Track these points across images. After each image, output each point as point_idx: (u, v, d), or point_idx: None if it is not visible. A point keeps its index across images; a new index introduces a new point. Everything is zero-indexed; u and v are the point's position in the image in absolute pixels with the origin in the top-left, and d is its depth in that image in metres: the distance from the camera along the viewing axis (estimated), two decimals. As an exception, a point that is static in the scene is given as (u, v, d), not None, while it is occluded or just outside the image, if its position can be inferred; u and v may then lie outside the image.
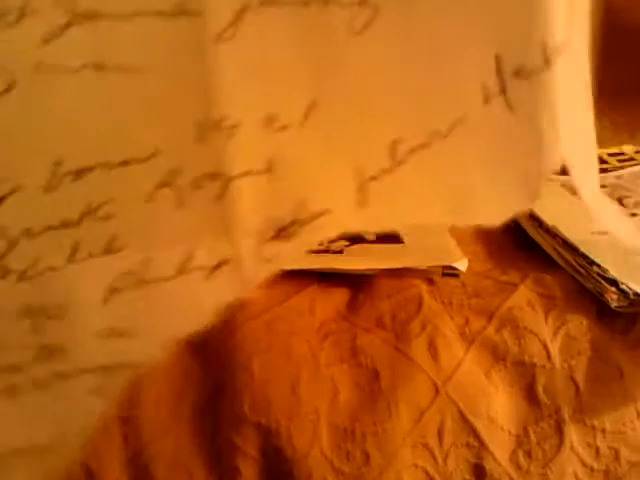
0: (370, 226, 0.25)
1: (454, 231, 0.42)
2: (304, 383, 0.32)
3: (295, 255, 0.25)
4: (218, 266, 0.24)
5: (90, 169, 0.23)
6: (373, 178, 0.24)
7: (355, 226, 0.24)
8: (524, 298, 0.36)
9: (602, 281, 0.35)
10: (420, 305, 0.35)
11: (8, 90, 0.22)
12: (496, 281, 0.38)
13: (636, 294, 0.33)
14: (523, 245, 0.41)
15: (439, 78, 0.24)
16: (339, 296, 0.37)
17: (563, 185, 0.47)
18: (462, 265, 0.37)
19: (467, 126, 0.24)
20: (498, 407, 0.32)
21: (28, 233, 0.23)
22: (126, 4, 0.22)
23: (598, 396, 0.32)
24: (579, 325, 0.34)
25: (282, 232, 0.24)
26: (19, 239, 0.23)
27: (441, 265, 0.37)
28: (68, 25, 0.22)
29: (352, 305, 0.36)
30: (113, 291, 0.24)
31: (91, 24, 0.22)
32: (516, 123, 0.24)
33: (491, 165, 0.24)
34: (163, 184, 0.24)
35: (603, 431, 0.32)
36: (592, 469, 0.32)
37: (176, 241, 0.24)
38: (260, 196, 0.24)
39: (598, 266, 0.36)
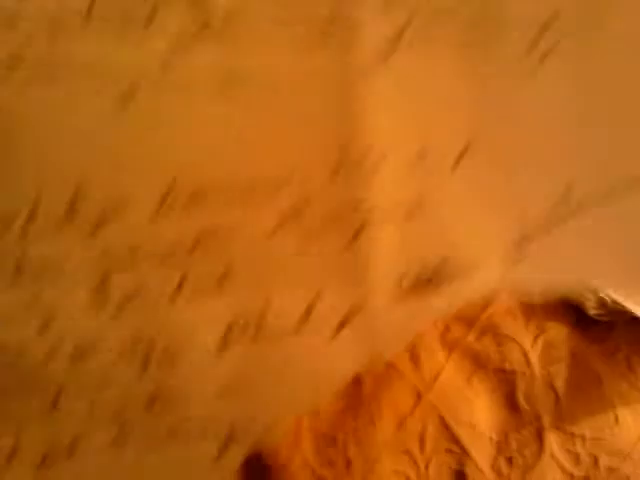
0: (517, 288, 0.22)
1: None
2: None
3: (432, 315, 0.22)
4: (345, 321, 0.21)
5: (207, 192, 0.20)
6: (527, 238, 0.21)
7: (503, 286, 0.22)
8: (504, 306, 0.36)
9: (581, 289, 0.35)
10: (402, 313, 0.36)
11: (131, 96, 0.20)
12: (476, 289, 0.38)
13: (614, 302, 0.34)
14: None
15: (619, 134, 0.21)
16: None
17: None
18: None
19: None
20: (479, 414, 0.33)
21: (132, 258, 0.21)
22: (269, 18, 0.19)
23: (577, 403, 0.33)
24: (558, 333, 0.35)
25: (421, 286, 0.21)
26: (121, 264, 0.21)
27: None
28: (199, 35, 0.19)
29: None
30: (229, 340, 0.21)
31: (225, 35, 0.19)
32: None
33: None
34: (290, 217, 0.21)
35: (582, 438, 0.32)
36: (572, 476, 0.32)
37: (298, 286, 0.21)
38: (399, 242, 0.21)
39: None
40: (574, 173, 0.20)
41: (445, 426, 0.32)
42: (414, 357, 0.33)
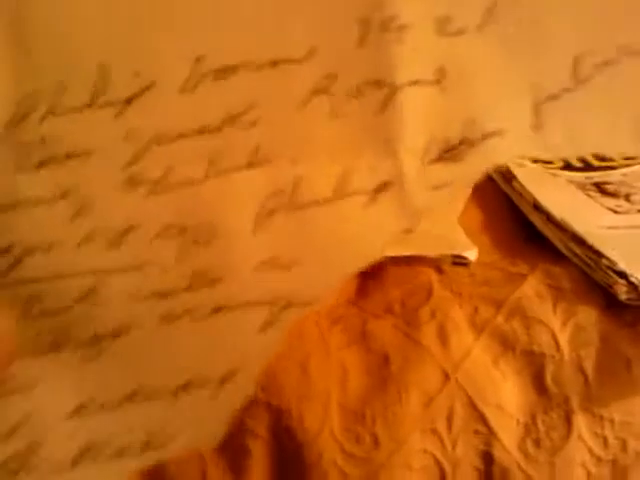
0: (544, 151, 0.22)
1: (461, 222, 0.42)
2: (315, 366, 0.32)
3: (462, 182, 0.22)
4: (379, 189, 0.21)
5: (234, 68, 0.20)
6: (552, 97, 0.21)
7: (528, 150, 0.22)
8: (533, 289, 0.36)
9: (611, 273, 0.35)
10: (430, 293, 0.35)
11: None
12: (504, 272, 0.38)
13: (645, 286, 0.34)
14: (531, 238, 0.42)
15: None
16: (348, 282, 0.37)
17: (569, 180, 0.48)
18: (472, 254, 0.37)
19: None
20: (507, 395, 0.32)
21: (161, 138, 0.20)
22: None
23: (606, 386, 0.32)
24: (588, 316, 0.34)
25: (449, 153, 0.21)
26: (151, 145, 0.20)
27: (451, 254, 0.37)
28: None
29: (361, 292, 0.36)
30: (265, 214, 0.21)
31: None
32: None
33: None
34: (318, 90, 0.20)
35: (611, 421, 0.32)
36: (600, 459, 0.32)
37: (330, 155, 0.21)
38: (427, 110, 0.21)
39: (607, 259, 0.36)
40: (591, 38, 0.21)
41: (473, 406, 0.32)
42: (442, 337, 0.33)
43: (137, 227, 0.21)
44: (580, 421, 0.32)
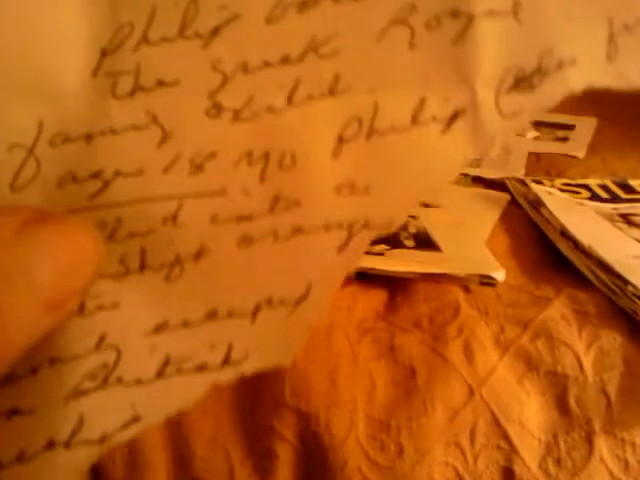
0: (617, 81, 0.23)
1: (489, 246, 0.43)
2: (343, 374, 0.33)
3: (535, 111, 0.22)
4: (454, 117, 0.22)
5: (316, 1, 0.21)
6: (626, 28, 0.21)
7: (602, 79, 0.22)
8: (558, 312, 0.37)
9: (637, 300, 0.36)
10: (457, 311, 0.36)
11: None
12: (531, 295, 0.39)
13: (670, 314, 0.34)
14: (557, 264, 0.42)
15: None
16: (378, 297, 0.38)
17: (596, 211, 0.49)
18: (499, 275, 0.38)
19: None
20: (530, 414, 0.33)
21: (244, 68, 0.21)
22: None
23: (629, 410, 0.33)
24: (612, 341, 0.35)
25: (523, 82, 0.21)
26: (235, 74, 0.21)
27: (479, 274, 0.38)
28: None
29: (390, 306, 0.37)
30: (344, 140, 0.21)
31: None
32: None
33: None
34: (396, 21, 0.21)
35: (633, 445, 0.32)
36: (620, 481, 0.32)
37: (407, 85, 0.21)
38: (502, 39, 0.21)
39: (633, 286, 0.36)
40: None
41: (496, 422, 0.32)
42: (468, 353, 0.34)
43: (220, 153, 0.21)
44: (601, 443, 0.32)
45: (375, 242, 0.41)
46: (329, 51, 0.21)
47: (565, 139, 0.61)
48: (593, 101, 0.66)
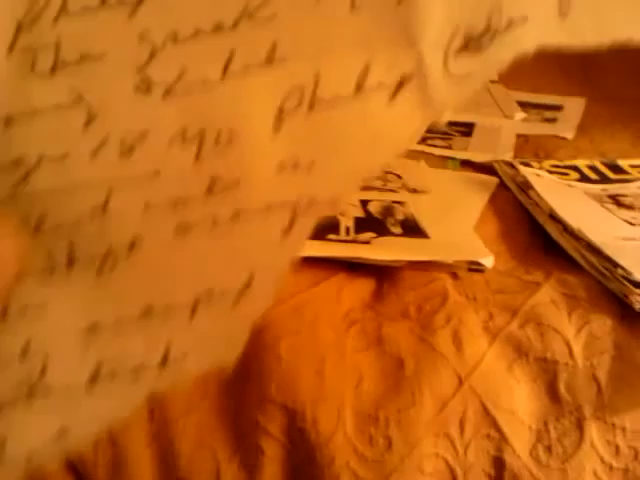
0: (571, 38, 0.22)
1: (478, 231, 0.42)
2: (330, 368, 0.32)
3: (486, 74, 0.21)
4: (401, 83, 0.21)
5: None
6: None
7: (554, 38, 0.21)
8: (548, 297, 0.36)
9: (627, 283, 0.35)
10: (445, 298, 0.36)
11: None
12: (520, 280, 0.38)
13: (660, 297, 0.34)
14: (546, 247, 0.42)
15: None
16: (365, 286, 0.37)
17: (585, 192, 0.48)
18: (488, 261, 0.38)
19: None
20: (519, 401, 0.33)
21: (174, 37, 0.20)
22: None
23: (619, 395, 0.33)
24: (602, 325, 0.35)
25: (473, 42, 0.20)
26: (165, 44, 0.20)
27: (467, 260, 0.38)
28: None
29: (378, 295, 0.37)
30: (284, 113, 0.20)
31: None
32: None
33: None
34: None
35: (623, 430, 0.32)
36: (611, 467, 0.32)
37: (350, 51, 0.20)
38: (449, 0, 0.20)
39: (623, 269, 0.36)
40: None
41: (485, 411, 0.32)
42: (457, 342, 0.34)
43: (150, 133, 0.20)
44: (592, 429, 0.32)
45: (362, 230, 0.40)
46: (265, 17, 0.20)
47: (553, 120, 0.60)
48: (581, 80, 0.66)
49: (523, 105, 0.63)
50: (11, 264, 0.18)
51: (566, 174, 0.51)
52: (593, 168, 0.52)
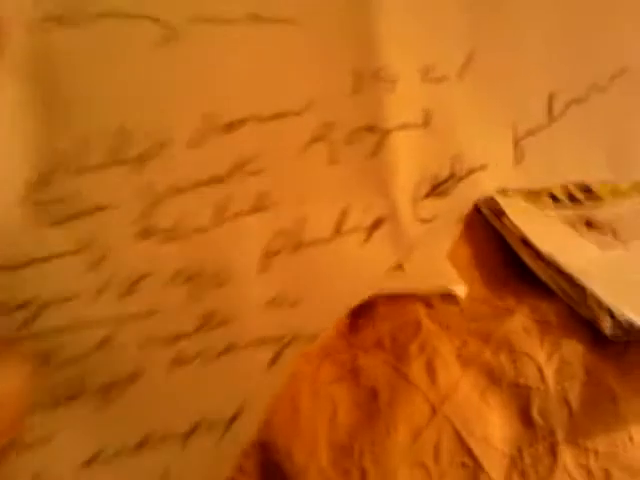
0: (526, 181, 0.24)
1: (451, 257, 0.43)
2: (304, 401, 0.32)
3: (452, 215, 0.23)
4: (375, 225, 0.22)
5: (241, 122, 0.22)
6: (530, 133, 0.23)
7: (511, 181, 0.23)
8: (520, 323, 0.37)
9: (597, 309, 0.36)
10: (419, 328, 0.36)
11: (166, 41, 0.21)
12: (493, 307, 0.39)
13: (629, 323, 0.34)
14: (519, 273, 0.42)
15: (600, 29, 0.23)
16: (340, 318, 0.37)
17: (558, 216, 0.49)
18: (461, 291, 0.38)
19: (627, 79, 0.23)
20: (493, 428, 0.33)
21: (174, 190, 0.22)
22: None
23: (591, 418, 0.33)
24: (573, 350, 0.35)
25: (438, 188, 0.23)
26: (164, 196, 0.22)
27: (440, 290, 0.38)
28: None
29: (352, 327, 0.37)
30: (270, 255, 0.22)
31: None
32: None
33: None
34: (317, 138, 0.22)
35: (595, 452, 0.32)
36: (585, 491, 0.32)
37: (330, 198, 0.23)
38: (416, 150, 0.23)
39: (593, 295, 0.37)
40: (561, 75, 0.23)
41: (460, 440, 0.32)
42: (430, 371, 0.34)
43: (149, 275, 0.22)
44: (565, 453, 0.32)
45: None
46: (255, 169, 0.22)
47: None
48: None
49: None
50: (18, 400, 0.19)
51: (539, 198, 0.51)
52: (566, 191, 0.53)
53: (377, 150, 0.23)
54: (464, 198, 0.24)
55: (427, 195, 0.23)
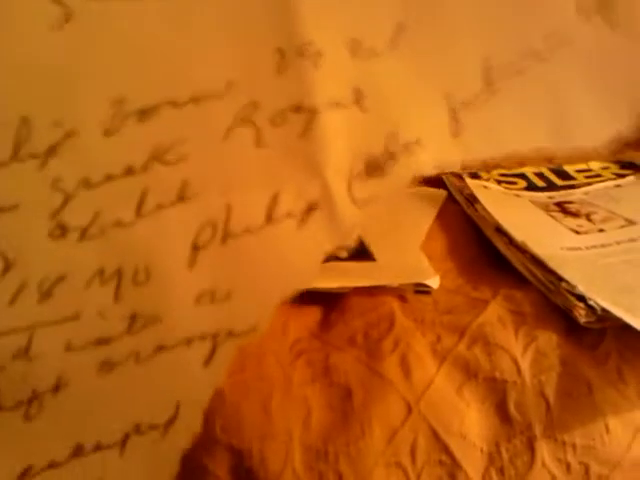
0: (465, 154, 0.23)
1: (426, 248, 0.42)
2: (276, 404, 0.32)
3: (389, 194, 0.22)
4: (309, 210, 0.21)
5: (156, 108, 0.20)
6: (465, 104, 0.22)
7: (450, 155, 0.22)
8: (495, 314, 0.36)
9: (570, 297, 0.35)
10: (392, 323, 0.36)
11: (65, 21, 0.19)
12: (467, 298, 0.38)
13: (604, 310, 0.34)
14: (494, 261, 0.42)
15: None
16: (311, 315, 0.37)
17: (532, 201, 0.48)
18: (434, 282, 0.38)
19: (564, 45, 0.22)
20: (470, 424, 0.33)
21: (87, 183, 0.20)
22: None
23: (568, 411, 0.33)
24: (549, 341, 0.35)
25: (374, 166, 0.21)
26: (77, 191, 0.20)
27: (413, 283, 0.37)
28: None
29: (324, 324, 0.36)
30: (198, 248, 0.21)
31: None
32: (619, 41, 0.22)
33: (591, 84, 0.23)
34: (240, 121, 0.21)
35: (573, 446, 0.32)
36: (563, 484, 0.32)
37: (258, 183, 0.21)
38: (348, 129, 0.22)
39: (566, 282, 0.36)
40: (495, 43, 0.22)
41: (436, 437, 0.32)
42: (405, 368, 0.33)
43: (69, 275, 0.21)
44: (543, 447, 0.32)
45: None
46: (175, 157, 0.21)
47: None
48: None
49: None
50: None
51: (514, 183, 0.51)
52: (540, 175, 0.52)
53: (306, 131, 0.22)
54: (401, 176, 0.22)
55: (362, 175, 0.21)
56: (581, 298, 0.35)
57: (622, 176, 0.52)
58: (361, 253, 0.41)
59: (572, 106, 0.23)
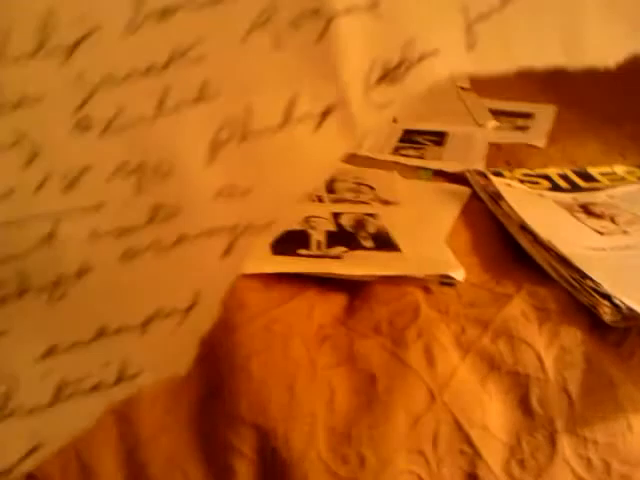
0: (480, 67, 0.23)
1: (450, 243, 0.43)
2: (301, 386, 0.32)
3: (403, 102, 0.23)
4: (326, 113, 0.21)
5: (176, 8, 0.21)
6: (482, 17, 0.22)
7: (464, 67, 0.22)
8: (519, 309, 0.36)
9: (596, 295, 0.35)
10: (417, 313, 0.36)
11: None
12: (491, 292, 0.38)
13: (629, 308, 0.34)
14: (518, 258, 0.42)
15: None
16: (337, 301, 0.37)
17: (556, 201, 0.48)
18: (459, 275, 0.38)
19: None
20: (492, 416, 0.33)
21: (110, 79, 0.21)
22: None
23: (591, 408, 0.33)
24: (573, 337, 0.35)
25: (390, 74, 0.22)
26: (101, 86, 0.21)
27: (438, 274, 0.38)
28: None
29: (350, 311, 0.36)
30: (218, 145, 0.21)
31: None
32: None
33: (606, 3, 0.23)
34: (259, 23, 0.21)
35: (595, 443, 0.32)
36: (584, 480, 0.32)
37: (277, 85, 0.22)
38: (365, 35, 0.22)
39: (592, 280, 0.36)
40: None
41: (458, 427, 0.32)
42: (429, 357, 0.34)
43: (92, 168, 0.21)
44: (564, 442, 0.32)
45: (333, 244, 0.40)
46: (195, 57, 0.21)
47: (525, 128, 0.61)
48: (552, 87, 0.66)
49: (495, 113, 0.63)
50: None
51: (537, 183, 0.51)
52: (564, 176, 0.52)
53: (324, 35, 0.22)
54: (417, 84, 0.22)
55: (379, 81, 0.22)
56: (606, 296, 0.35)
57: (646, 180, 0.52)
58: (386, 244, 0.41)
59: (587, 22, 0.23)
